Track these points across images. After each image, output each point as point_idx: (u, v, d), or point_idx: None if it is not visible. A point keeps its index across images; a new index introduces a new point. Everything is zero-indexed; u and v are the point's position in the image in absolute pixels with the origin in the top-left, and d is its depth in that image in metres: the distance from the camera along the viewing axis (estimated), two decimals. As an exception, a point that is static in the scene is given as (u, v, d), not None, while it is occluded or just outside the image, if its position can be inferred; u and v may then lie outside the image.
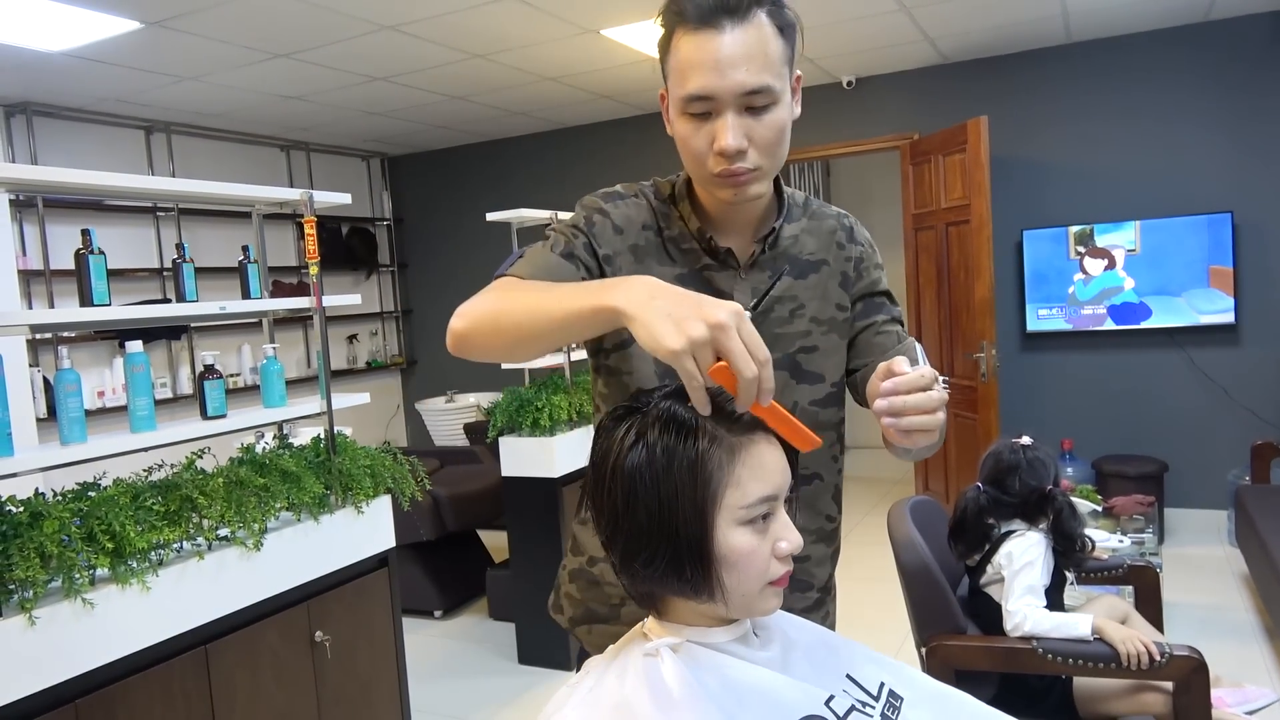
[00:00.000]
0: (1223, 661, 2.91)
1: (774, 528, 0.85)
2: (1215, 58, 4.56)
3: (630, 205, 1.18)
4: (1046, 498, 2.18)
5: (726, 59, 1.00)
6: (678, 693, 0.81)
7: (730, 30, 1.01)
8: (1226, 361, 4.63)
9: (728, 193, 1.08)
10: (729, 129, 1.03)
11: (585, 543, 1.22)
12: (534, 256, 1.13)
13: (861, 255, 1.26)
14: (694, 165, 1.09)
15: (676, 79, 1.05)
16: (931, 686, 0.99)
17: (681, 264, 1.16)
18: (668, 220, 1.18)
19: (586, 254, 1.13)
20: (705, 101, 1.03)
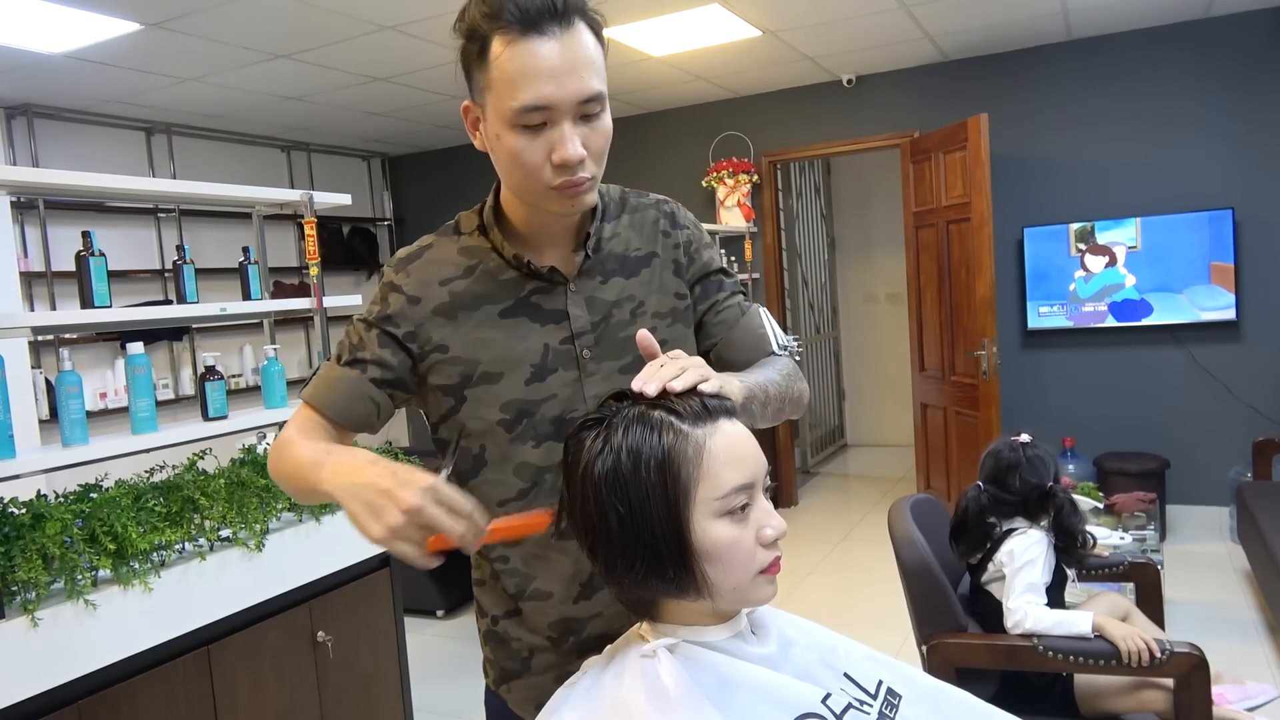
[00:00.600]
0: (1224, 658, 2.91)
1: (755, 515, 0.85)
2: (1216, 54, 4.56)
3: (423, 266, 1.10)
4: (1047, 495, 2.18)
5: (561, 67, 0.95)
6: (674, 692, 0.81)
7: (559, 37, 0.96)
8: (1228, 358, 4.63)
9: (564, 204, 1.03)
10: (569, 139, 0.98)
11: (484, 602, 1.19)
12: (322, 375, 1.11)
13: (689, 239, 1.22)
14: (527, 180, 1.01)
15: (504, 89, 0.97)
16: (929, 684, 0.99)
17: (504, 297, 1.09)
18: (480, 255, 1.11)
19: (380, 346, 1.09)
20: (542, 112, 0.96)
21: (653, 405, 0.85)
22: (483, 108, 1.02)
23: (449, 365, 1.09)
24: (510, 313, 1.09)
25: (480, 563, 1.18)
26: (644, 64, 4.75)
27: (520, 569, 1.12)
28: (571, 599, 1.10)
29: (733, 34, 4.33)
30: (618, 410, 0.86)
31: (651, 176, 5.92)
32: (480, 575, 1.19)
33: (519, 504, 1.10)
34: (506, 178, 1.06)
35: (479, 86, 1.01)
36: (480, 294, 1.09)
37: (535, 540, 1.09)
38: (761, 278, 5.78)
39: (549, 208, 1.04)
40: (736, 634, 0.89)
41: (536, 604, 1.11)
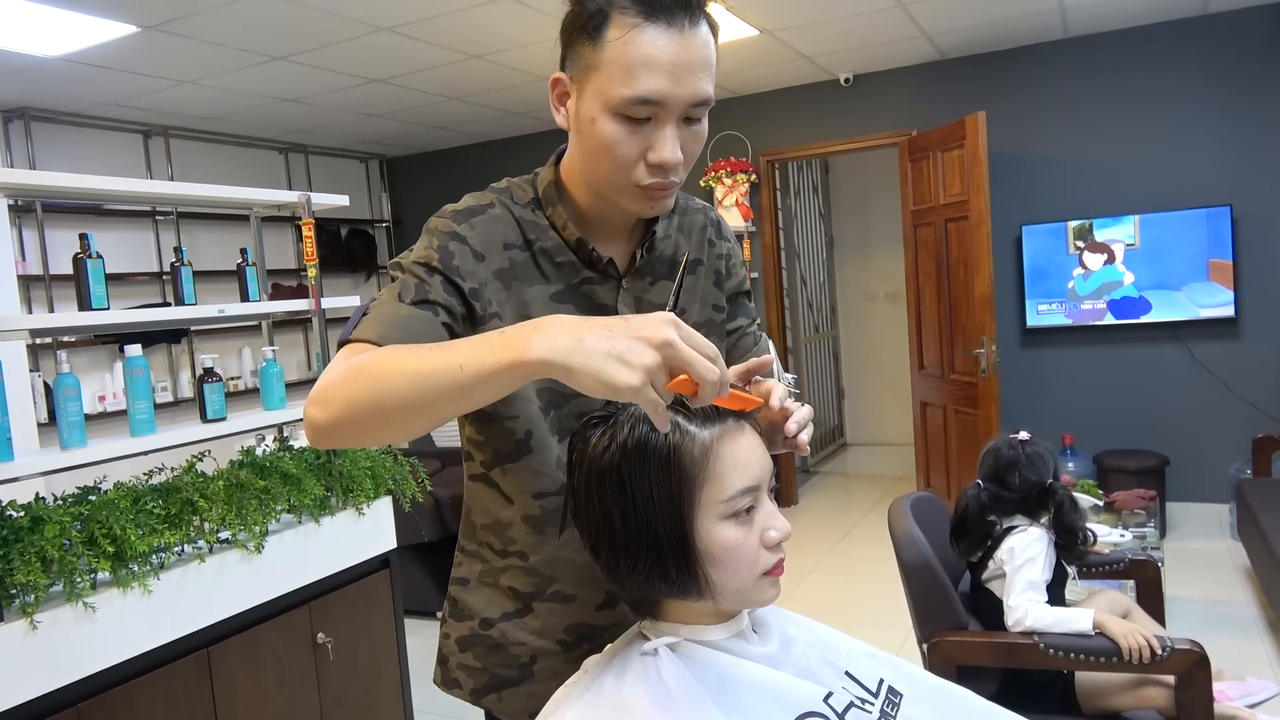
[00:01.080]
0: (1225, 655, 2.91)
1: (759, 517, 0.85)
2: (1213, 51, 4.56)
3: (488, 222, 1.02)
4: (1047, 492, 2.18)
5: (685, 65, 0.90)
6: (676, 692, 0.81)
7: (685, 32, 0.90)
8: (1227, 355, 4.63)
9: (645, 205, 0.98)
10: (671, 141, 0.93)
11: (471, 604, 1.11)
12: (381, 312, 0.94)
13: (730, 252, 1.19)
14: (614, 172, 0.95)
15: (616, 75, 0.90)
16: (931, 682, 0.99)
17: (556, 280, 1.04)
18: (537, 231, 1.04)
19: (446, 293, 0.97)
20: (651, 107, 0.91)
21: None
22: (580, 85, 0.95)
23: None
24: (561, 298, 1.04)
25: (468, 561, 1.12)
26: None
27: (540, 569, 1.06)
28: (594, 605, 1.07)
29: (730, 33, 4.33)
30: (624, 408, 0.86)
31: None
32: (466, 574, 1.12)
33: (557, 498, 1.04)
34: (589, 164, 0.98)
35: (582, 62, 0.94)
36: (535, 270, 1.03)
37: (564, 541, 1.05)
38: (760, 277, 5.78)
39: (625, 204, 0.99)
40: (738, 633, 0.89)
41: (555, 605, 1.06)
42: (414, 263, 0.98)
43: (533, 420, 1.02)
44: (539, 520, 1.05)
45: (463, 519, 1.14)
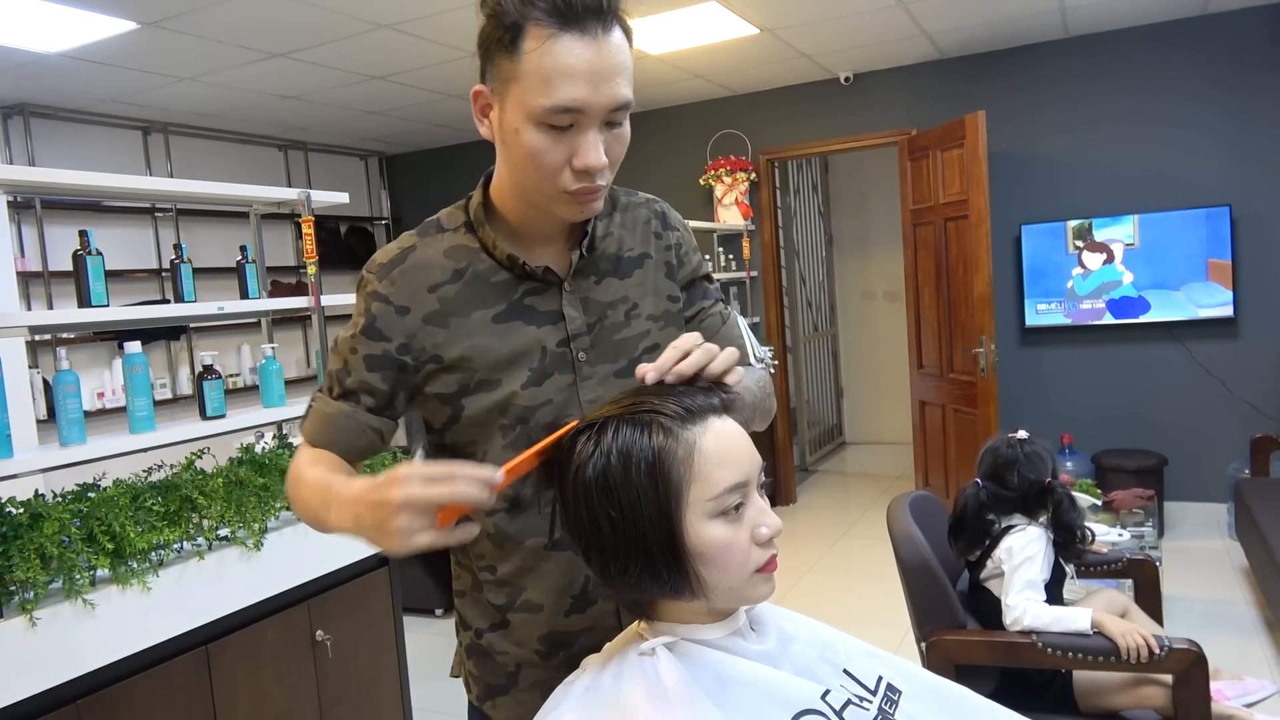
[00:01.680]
0: (1222, 654, 2.91)
1: (749, 514, 0.84)
2: (1213, 51, 4.56)
3: (407, 272, 1.04)
4: (1046, 491, 2.18)
5: (601, 71, 0.91)
6: (674, 690, 0.81)
7: (599, 38, 0.91)
8: (1225, 355, 4.63)
9: (574, 210, 1.00)
10: (595, 145, 0.94)
11: (467, 615, 1.15)
12: (320, 413, 1.08)
13: (679, 241, 1.19)
14: (541, 180, 0.97)
15: (535, 86, 0.91)
16: (930, 680, 0.99)
17: (496, 301, 1.05)
18: (469, 257, 1.06)
19: (370, 369, 1.04)
20: (572, 114, 0.92)
21: (642, 405, 0.84)
22: (501, 97, 0.96)
23: (445, 374, 1.05)
24: (503, 317, 1.05)
25: (461, 573, 1.15)
26: (641, 62, 4.75)
27: (509, 580, 1.08)
28: (563, 612, 1.07)
29: (730, 32, 4.33)
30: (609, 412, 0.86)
31: (649, 175, 5.91)
32: (462, 586, 1.16)
33: (508, 514, 1.07)
34: (517, 175, 1.00)
35: (501, 74, 0.95)
36: (472, 298, 1.04)
37: (526, 551, 1.07)
38: (759, 276, 5.78)
39: (557, 211, 1.01)
40: (735, 631, 0.89)
41: (526, 616, 1.08)
42: (343, 340, 1.08)
43: (485, 442, 1.07)
44: (497, 536, 1.08)
45: None
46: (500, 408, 1.04)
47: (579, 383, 1.07)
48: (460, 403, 1.05)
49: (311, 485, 1.00)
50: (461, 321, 1.04)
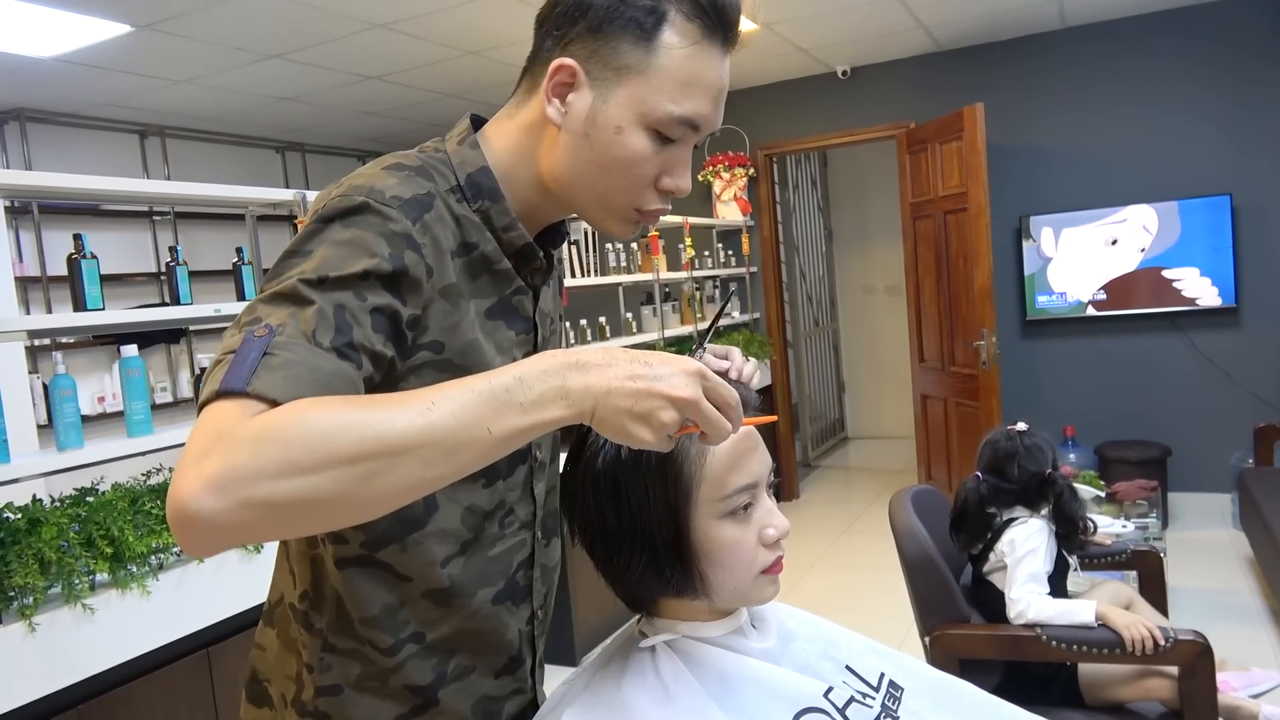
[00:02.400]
0: (1228, 645, 2.90)
1: (758, 515, 0.83)
2: (1212, 39, 4.54)
3: (438, 223, 0.80)
4: (1047, 482, 2.17)
5: (723, 92, 0.85)
6: (674, 689, 0.80)
7: (727, 56, 0.84)
8: (1227, 344, 4.62)
9: (629, 229, 0.88)
10: (688, 167, 0.86)
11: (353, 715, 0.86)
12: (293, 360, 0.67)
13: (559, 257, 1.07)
14: (626, 190, 0.84)
15: (667, 86, 0.80)
16: (932, 676, 0.98)
17: (492, 291, 0.87)
18: (475, 234, 0.85)
19: (377, 329, 0.74)
20: (689, 130, 0.83)
21: None
22: (608, 85, 0.81)
23: (433, 371, 0.80)
24: (494, 313, 0.87)
25: (346, 661, 0.85)
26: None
27: (439, 645, 0.87)
28: (494, 672, 0.92)
29: (726, 27, 4.31)
30: None
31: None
32: (337, 680, 0.85)
33: (460, 559, 0.86)
34: (594, 175, 0.83)
35: (620, 60, 0.80)
36: (474, 284, 0.85)
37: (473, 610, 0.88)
38: (759, 271, 5.76)
39: (608, 226, 0.87)
40: (736, 629, 0.88)
41: (458, 686, 0.89)
42: (345, 274, 0.72)
43: None
44: (445, 592, 0.86)
45: (320, 614, 0.86)
46: None
47: None
48: None
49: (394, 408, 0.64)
50: (465, 307, 0.83)
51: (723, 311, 0.98)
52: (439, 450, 0.64)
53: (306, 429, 0.61)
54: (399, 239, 0.75)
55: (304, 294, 0.71)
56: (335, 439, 0.61)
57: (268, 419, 0.62)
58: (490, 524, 0.87)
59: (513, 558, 0.90)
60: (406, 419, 0.63)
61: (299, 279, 0.71)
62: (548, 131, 0.85)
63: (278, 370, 0.66)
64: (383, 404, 0.65)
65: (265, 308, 0.71)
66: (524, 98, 0.88)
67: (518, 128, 0.87)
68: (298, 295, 0.71)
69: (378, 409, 0.64)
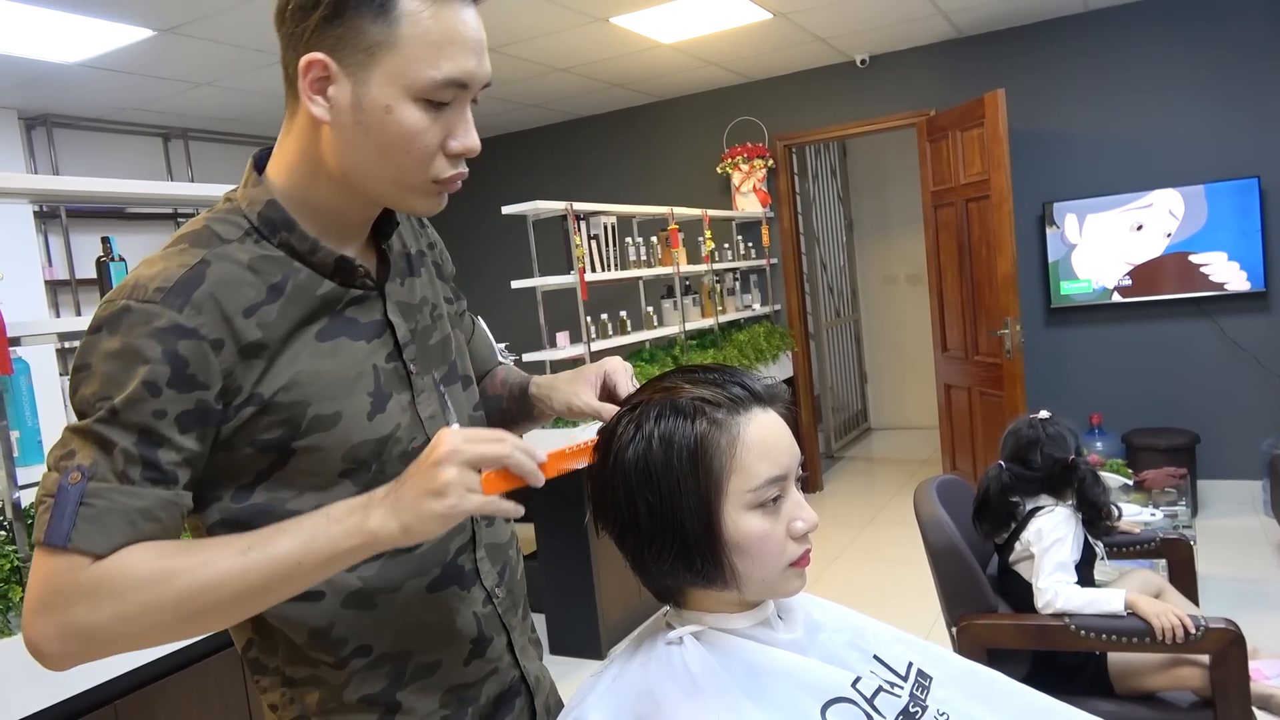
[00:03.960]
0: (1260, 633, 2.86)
1: (786, 508, 0.84)
2: (1238, 20, 4.47)
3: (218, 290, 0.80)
4: (1070, 468, 2.15)
5: (482, 41, 0.83)
6: (702, 679, 0.81)
7: (475, 5, 0.83)
8: (1257, 329, 4.55)
9: (434, 202, 0.87)
10: (470, 126, 0.84)
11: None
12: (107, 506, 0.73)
13: (435, 239, 1.08)
14: (413, 167, 0.83)
15: (422, 53, 0.79)
16: (961, 665, 0.98)
17: (321, 313, 0.86)
18: (278, 269, 0.85)
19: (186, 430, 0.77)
20: (456, 90, 0.81)
21: (685, 391, 0.84)
22: (360, 68, 0.80)
23: (266, 417, 0.82)
24: (327, 333, 0.86)
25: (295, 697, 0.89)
26: (654, 51, 4.73)
27: (392, 652, 0.90)
28: (462, 660, 0.93)
29: (743, 17, 4.30)
30: (651, 397, 0.85)
31: (665, 165, 5.89)
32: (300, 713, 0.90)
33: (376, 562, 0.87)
34: (376, 160, 0.82)
35: (363, 41, 0.79)
36: (296, 318, 0.84)
37: (404, 603, 0.89)
38: (779, 263, 5.74)
39: (411, 204, 0.86)
40: (763, 620, 0.88)
41: (421, 684, 0.91)
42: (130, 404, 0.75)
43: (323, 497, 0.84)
44: (366, 593, 0.87)
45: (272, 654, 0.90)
46: (344, 450, 0.85)
47: (415, 399, 0.93)
48: (290, 447, 0.83)
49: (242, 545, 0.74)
50: (283, 348, 0.83)
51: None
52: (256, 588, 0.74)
53: (134, 583, 0.72)
54: (166, 333, 0.76)
55: (105, 435, 0.75)
56: (160, 591, 0.72)
57: (98, 576, 0.71)
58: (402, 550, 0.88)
59: (449, 545, 0.93)
60: (224, 564, 0.73)
61: (95, 420, 0.75)
62: (322, 132, 0.83)
63: (94, 522, 0.72)
64: (203, 550, 0.74)
65: (76, 440, 0.76)
66: (291, 108, 0.86)
67: (295, 141, 0.86)
68: (101, 437, 0.75)
69: (198, 554, 0.74)
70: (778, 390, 0.87)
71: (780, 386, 0.88)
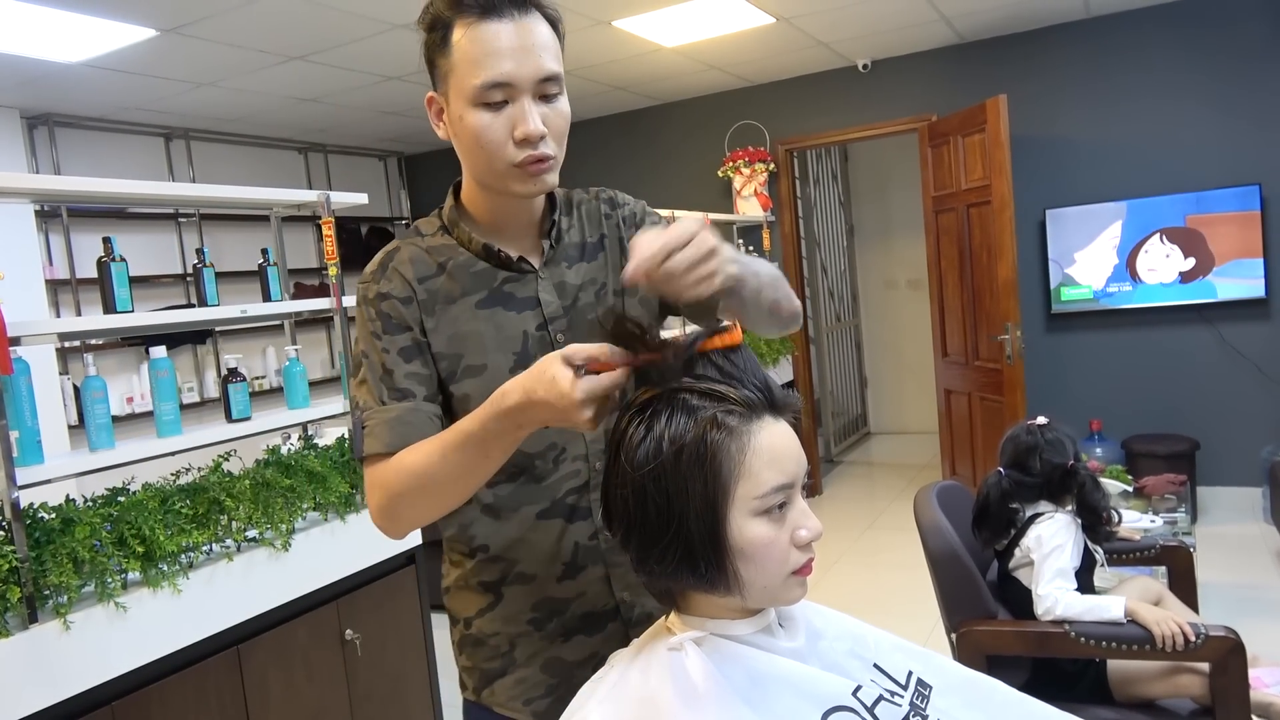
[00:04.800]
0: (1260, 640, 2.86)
1: (791, 516, 0.84)
2: (1240, 26, 4.47)
3: (399, 267, 1.11)
4: (1069, 473, 2.15)
5: (520, 46, 1.00)
6: (702, 686, 0.80)
7: (516, 20, 1.01)
8: (1258, 336, 4.55)
9: (527, 183, 1.05)
10: (530, 113, 1.01)
11: (455, 608, 1.21)
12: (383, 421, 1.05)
13: (630, 212, 1.24)
14: (491, 159, 1.04)
15: (467, 70, 1.01)
16: (960, 673, 0.97)
17: (476, 289, 1.11)
18: (447, 253, 1.13)
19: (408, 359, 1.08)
20: (504, 89, 1.01)
21: (700, 393, 0.83)
22: (445, 94, 1.06)
23: (439, 362, 1.09)
24: (486, 303, 1.11)
25: (450, 568, 1.20)
26: (656, 55, 4.73)
27: (503, 554, 1.13)
28: (555, 578, 1.13)
29: (745, 22, 4.30)
30: (661, 395, 0.85)
31: (666, 168, 5.89)
32: (449, 582, 1.20)
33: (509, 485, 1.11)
34: (470, 161, 1.07)
35: (442, 75, 1.05)
36: (454, 289, 1.11)
37: (519, 521, 1.12)
38: (780, 266, 5.73)
39: (513, 189, 1.06)
40: (764, 627, 0.88)
41: (519, 588, 1.14)
42: (367, 351, 1.08)
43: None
44: (495, 507, 1.13)
45: (444, 537, 1.21)
46: (486, 393, 1.01)
47: None
48: (449, 390, 1.10)
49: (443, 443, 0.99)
50: (446, 310, 1.10)
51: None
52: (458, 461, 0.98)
53: (400, 473, 1.01)
54: (375, 299, 1.10)
55: (364, 377, 1.09)
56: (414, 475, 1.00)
57: (382, 472, 1.03)
58: (541, 461, 1.11)
59: (564, 485, 1.12)
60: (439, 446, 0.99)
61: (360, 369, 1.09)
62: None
63: (370, 436, 1.05)
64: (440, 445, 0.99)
65: (354, 386, 1.11)
66: None
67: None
68: (364, 380, 1.09)
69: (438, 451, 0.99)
70: (791, 400, 0.87)
71: (793, 396, 0.88)
